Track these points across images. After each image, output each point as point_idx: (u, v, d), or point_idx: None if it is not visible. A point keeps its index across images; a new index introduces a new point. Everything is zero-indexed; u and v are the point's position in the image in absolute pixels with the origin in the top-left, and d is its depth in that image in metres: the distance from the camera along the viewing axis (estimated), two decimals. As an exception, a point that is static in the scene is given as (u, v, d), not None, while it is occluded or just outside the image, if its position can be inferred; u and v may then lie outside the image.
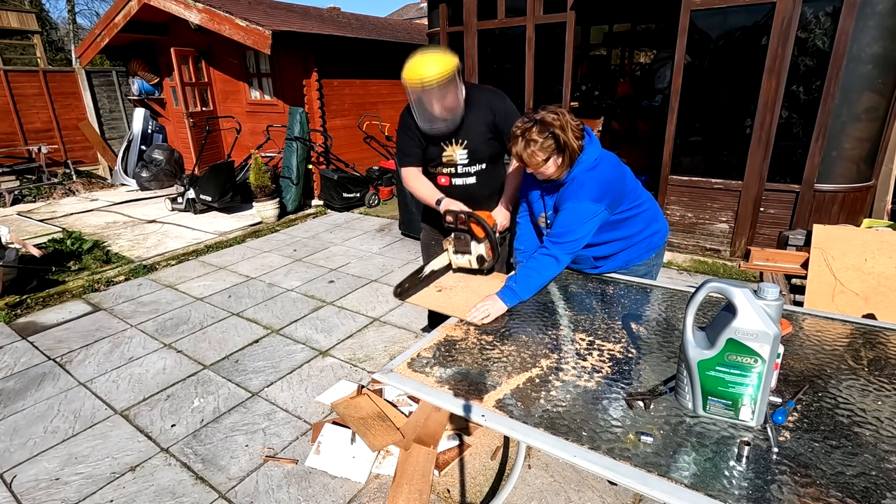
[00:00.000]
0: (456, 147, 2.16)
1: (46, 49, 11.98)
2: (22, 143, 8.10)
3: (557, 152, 1.68)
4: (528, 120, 1.70)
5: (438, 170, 2.25)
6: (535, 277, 1.78)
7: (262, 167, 5.98)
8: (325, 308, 3.83)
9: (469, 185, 2.24)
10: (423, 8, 16.56)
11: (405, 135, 2.22)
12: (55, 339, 3.47)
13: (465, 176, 2.23)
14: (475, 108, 2.11)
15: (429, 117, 2.03)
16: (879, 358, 1.38)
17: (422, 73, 1.88)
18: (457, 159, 2.19)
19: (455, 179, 2.24)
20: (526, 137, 1.68)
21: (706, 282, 1.12)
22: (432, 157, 2.22)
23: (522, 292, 1.76)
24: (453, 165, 2.21)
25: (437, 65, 1.89)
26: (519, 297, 1.75)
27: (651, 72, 6.95)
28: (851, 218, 4.02)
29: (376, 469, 2.18)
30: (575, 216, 1.73)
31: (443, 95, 1.94)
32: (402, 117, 2.23)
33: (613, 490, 2.03)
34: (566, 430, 1.15)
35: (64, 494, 2.13)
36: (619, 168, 1.83)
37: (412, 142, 2.21)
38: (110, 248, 5.23)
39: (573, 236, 1.75)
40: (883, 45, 3.61)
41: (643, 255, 2.02)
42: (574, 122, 1.69)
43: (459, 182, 2.24)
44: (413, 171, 2.28)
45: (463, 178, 2.24)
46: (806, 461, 1.02)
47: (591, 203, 1.72)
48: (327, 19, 8.10)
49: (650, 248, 2.02)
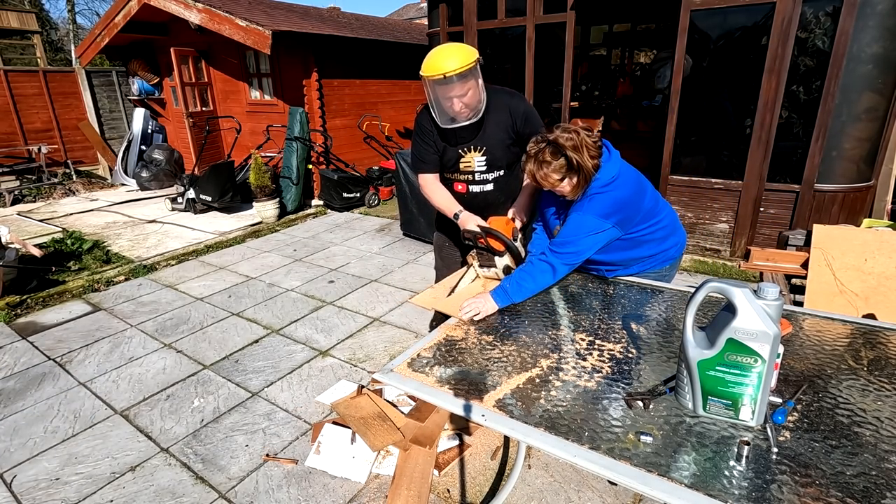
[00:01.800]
0: (475, 154, 2.12)
1: (46, 49, 11.99)
2: (22, 143, 8.11)
3: (571, 172, 1.66)
4: (541, 140, 1.67)
5: (455, 176, 2.21)
6: (529, 282, 1.77)
7: (262, 167, 5.98)
8: (325, 308, 3.83)
9: (486, 192, 2.21)
10: (423, 8, 16.55)
11: (421, 140, 2.17)
12: (55, 339, 3.47)
13: (483, 183, 2.19)
14: (493, 113, 2.06)
15: (450, 113, 1.97)
16: (879, 358, 1.38)
17: (442, 65, 1.85)
18: (475, 167, 2.14)
19: (472, 187, 2.20)
20: (539, 159, 1.66)
21: (706, 282, 1.12)
22: (449, 163, 2.17)
23: (514, 295, 1.75)
24: (471, 173, 2.17)
25: (458, 57, 1.86)
26: (511, 298, 1.74)
27: (651, 72, 6.95)
28: (851, 218, 4.02)
29: (376, 469, 2.18)
30: (578, 228, 1.72)
31: (464, 88, 1.90)
32: (418, 122, 2.18)
33: (613, 490, 2.03)
34: (566, 430, 1.15)
35: (64, 494, 2.13)
36: (639, 184, 1.79)
37: (429, 147, 2.15)
38: (110, 248, 5.23)
39: (573, 248, 1.73)
40: (883, 45, 3.61)
41: (657, 266, 2.00)
42: (590, 140, 1.65)
43: (477, 189, 2.20)
44: (430, 177, 2.22)
45: (480, 186, 2.20)
46: (806, 461, 1.02)
47: (597, 218, 1.70)
48: (327, 19, 8.10)
49: (665, 260, 2.00)
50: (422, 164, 2.21)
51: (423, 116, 2.13)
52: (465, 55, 1.87)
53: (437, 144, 2.14)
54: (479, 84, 1.96)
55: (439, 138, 2.12)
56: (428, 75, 1.89)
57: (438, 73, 1.86)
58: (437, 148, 2.15)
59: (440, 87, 1.90)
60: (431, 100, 1.98)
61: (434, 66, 1.87)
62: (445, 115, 1.99)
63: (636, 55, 7.80)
